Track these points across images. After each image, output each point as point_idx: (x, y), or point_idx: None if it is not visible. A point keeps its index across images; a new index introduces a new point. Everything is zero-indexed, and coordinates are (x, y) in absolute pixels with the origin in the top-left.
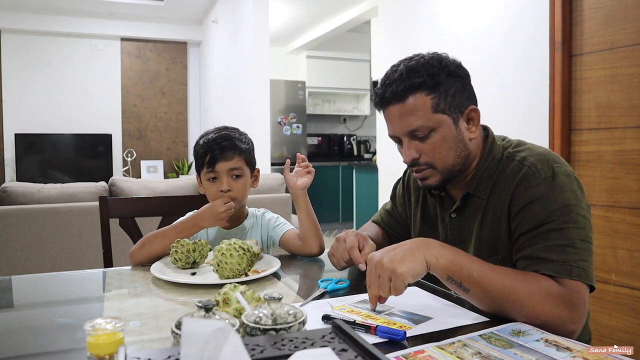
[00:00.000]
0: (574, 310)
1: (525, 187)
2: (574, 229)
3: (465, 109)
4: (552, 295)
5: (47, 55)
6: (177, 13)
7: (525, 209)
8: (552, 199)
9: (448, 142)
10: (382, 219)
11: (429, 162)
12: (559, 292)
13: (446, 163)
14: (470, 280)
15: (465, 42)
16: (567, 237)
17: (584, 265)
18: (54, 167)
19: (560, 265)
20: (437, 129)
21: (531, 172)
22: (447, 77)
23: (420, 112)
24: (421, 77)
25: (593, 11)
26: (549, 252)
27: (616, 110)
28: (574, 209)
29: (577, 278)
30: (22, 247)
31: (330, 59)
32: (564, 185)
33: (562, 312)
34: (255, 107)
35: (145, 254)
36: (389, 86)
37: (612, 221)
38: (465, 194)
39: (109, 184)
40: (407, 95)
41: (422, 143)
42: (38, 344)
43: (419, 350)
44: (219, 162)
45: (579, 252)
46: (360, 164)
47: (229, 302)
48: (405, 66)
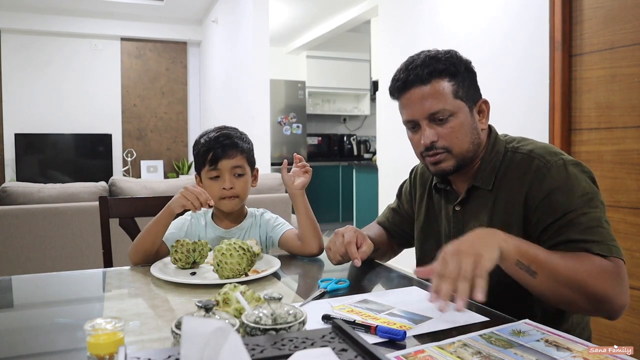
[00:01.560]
0: (624, 284)
1: (541, 180)
2: (596, 212)
3: (478, 100)
4: (608, 272)
5: (47, 55)
6: (177, 13)
7: (546, 200)
8: (571, 189)
9: (465, 127)
10: (387, 219)
11: (445, 146)
12: (611, 268)
13: (462, 148)
14: (538, 263)
15: (465, 42)
16: (595, 220)
17: (615, 244)
18: (54, 167)
19: (602, 245)
20: (456, 113)
21: (542, 164)
22: (465, 69)
23: (442, 95)
24: (444, 65)
25: (593, 11)
26: (587, 234)
27: (616, 110)
28: (593, 196)
29: (617, 255)
30: (22, 247)
31: (330, 59)
32: (577, 175)
33: (616, 286)
34: (255, 107)
35: (139, 253)
36: (412, 70)
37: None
38: (470, 187)
39: (109, 184)
40: (431, 78)
41: (441, 127)
42: (38, 344)
43: (419, 350)
44: (222, 160)
45: (608, 231)
46: (360, 164)
47: (229, 302)
48: (427, 55)
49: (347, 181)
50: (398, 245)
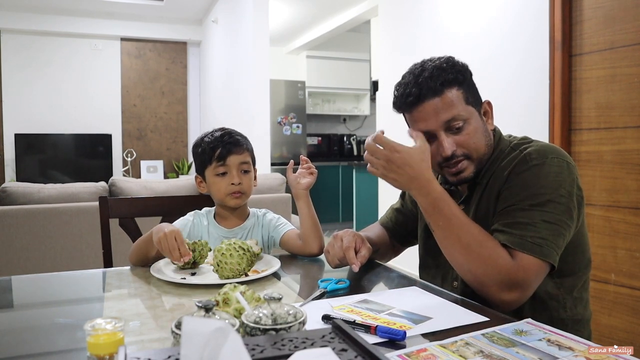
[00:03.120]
0: (513, 286)
1: (515, 173)
2: (538, 212)
3: (481, 102)
4: (498, 264)
5: (47, 55)
6: (177, 13)
7: (506, 190)
8: (530, 184)
9: (479, 131)
10: (390, 220)
11: (465, 153)
12: (506, 264)
13: (480, 152)
14: (443, 216)
15: (465, 42)
16: (529, 217)
17: (541, 242)
18: (54, 167)
19: (515, 237)
20: (470, 119)
21: (524, 159)
22: (468, 75)
23: (455, 104)
24: (453, 74)
25: (593, 11)
26: (510, 227)
27: (616, 110)
28: (546, 193)
29: (529, 252)
30: (22, 247)
31: (330, 59)
32: (548, 174)
33: (500, 283)
34: (255, 107)
35: (138, 261)
36: (423, 83)
37: (612, 221)
38: (471, 184)
39: (109, 184)
40: (444, 89)
41: (458, 135)
42: (38, 344)
43: (421, 349)
44: (231, 156)
45: (539, 230)
46: (360, 164)
47: (228, 302)
48: (433, 66)
49: (347, 181)
50: (401, 245)
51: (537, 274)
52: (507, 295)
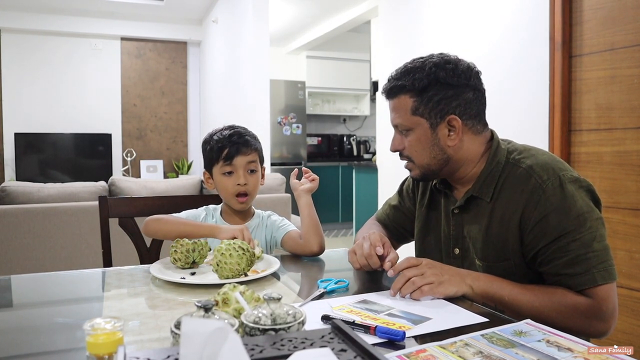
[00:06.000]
0: (603, 319)
1: (537, 201)
2: (588, 234)
3: (447, 116)
4: (579, 311)
5: (46, 54)
6: (177, 13)
7: (541, 223)
8: (566, 210)
9: (422, 143)
10: (387, 216)
11: (408, 156)
12: (587, 305)
13: (421, 161)
14: (503, 304)
15: (465, 42)
16: (585, 244)
17: (604, 265)
18: (54, 166)
19: (584, 276)
20: (413, 129)
21: (538, 184)
22: (436, 84)
23: (401, 111)
24: (407, 81)
25: (593, 12)
26: (572, 266)
27: (616, 111)
28: (587, 216)
29: (602, 282)
30: (22, 246)
31: (330, 59)
32: (574, 194)
33: (592, 323)
34: (255, 107)
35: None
36: (387, 82)
37: (612, 222)
38: (469, 196)
39: (109, 184)
40: (393, 95)
41: (405, 138)
42: (38, 343)
43: (421, 350)
44: (238, 156)
45: (598, 254)
46: (360, 164)
47: (228, 302)
48: (405, 66)
49: (347, 181)
50: (397, 241)
51: (614, 294)
52: (603, 326)
